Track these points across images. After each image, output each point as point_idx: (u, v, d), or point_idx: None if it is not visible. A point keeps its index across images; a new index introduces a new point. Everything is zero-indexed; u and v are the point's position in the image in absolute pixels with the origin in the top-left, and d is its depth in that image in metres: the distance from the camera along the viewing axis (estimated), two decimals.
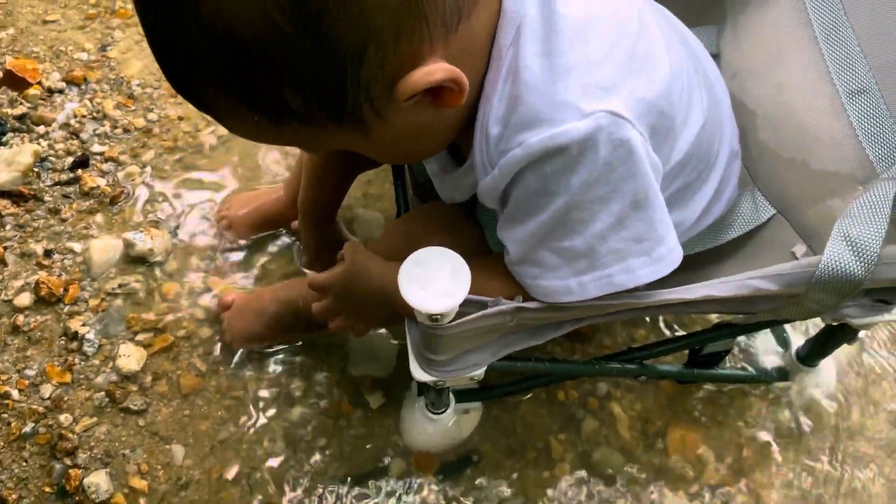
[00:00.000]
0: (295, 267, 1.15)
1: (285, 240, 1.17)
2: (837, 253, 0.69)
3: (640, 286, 0.67)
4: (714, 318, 1.00)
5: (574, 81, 0.57)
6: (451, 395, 0.98)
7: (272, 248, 1.17)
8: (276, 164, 1.26)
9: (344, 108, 0.54)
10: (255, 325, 1.04)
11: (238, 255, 1.16)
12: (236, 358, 1.06)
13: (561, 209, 0.61)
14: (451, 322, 0.65)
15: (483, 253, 0.81)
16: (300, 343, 1.07)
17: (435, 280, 0.62)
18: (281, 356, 1.07)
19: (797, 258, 0.85)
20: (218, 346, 1.07)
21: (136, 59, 1.39)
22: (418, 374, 0.76)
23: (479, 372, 0.77)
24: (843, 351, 1.08)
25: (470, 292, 0.62)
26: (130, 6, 1.47)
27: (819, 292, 0.72)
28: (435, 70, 0.53)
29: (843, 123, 0.80)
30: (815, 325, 1.08)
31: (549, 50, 0.57)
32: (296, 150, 1.23)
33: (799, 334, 1.08)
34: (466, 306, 0.64)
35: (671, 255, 0.66)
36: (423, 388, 0.98)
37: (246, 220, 1.16)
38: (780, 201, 0.88)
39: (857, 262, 0.69)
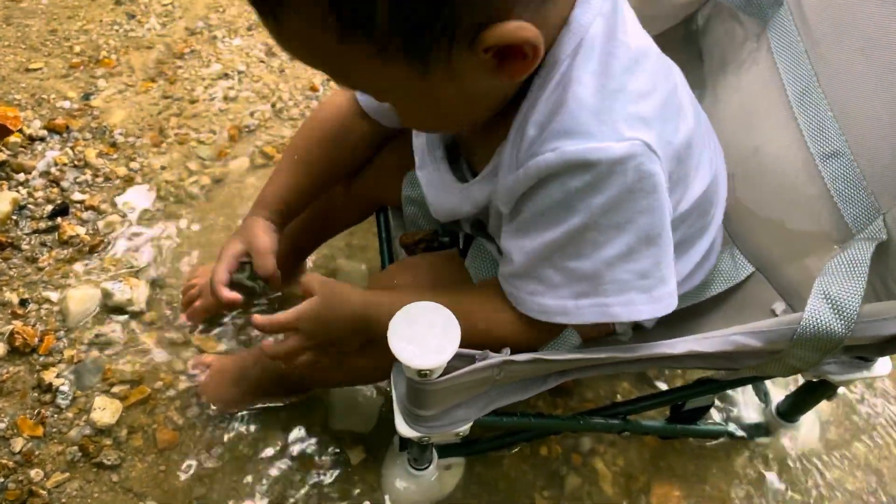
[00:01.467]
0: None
1: (274, 302, 1.16)
2: (818, 311, 0.70)
3: (626, 321, 0.67)
4: (696, 373, 1.01)
5: (620, 106, 0.59)
6: (434, 451, 0.97)
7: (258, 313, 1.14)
8: None
9: (423, 39, 0.52)
10: (235, 390, 1.03)
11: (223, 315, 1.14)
12: (214, 415, 1.04)
13: (577, 228, 0.62)
14: (439, 377, 0.65)
15: None
16: None
17: (425, 335, 0.62)
18: (262, 411, 1.05)
19: (777, 315, 0.87)
20: (195, 400, 1.05)
21: (120, 108, 1.39)
22: (404, 429, 0.75)
23: (465, 427, 0.76)
24: (824, 406, 1.09)
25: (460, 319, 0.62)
26: (115, 56, 1.48)
27: (801, 349, 0.73)
28: (526, 27, 0.53)
29: (818, 185, 0.83)
30: (794, 380, 1.10)
31: (604, 72, 0.59)
32: None
33: (780, 389, 1.09)
34: (455, 360, 0.64)
35: (670, 299, 0.67)
36: (405, 443, 0.96)
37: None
38: (758, 259, 0.90)
39: (838, 320, 0.70)
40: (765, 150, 0.86)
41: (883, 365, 0.84)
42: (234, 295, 0.81)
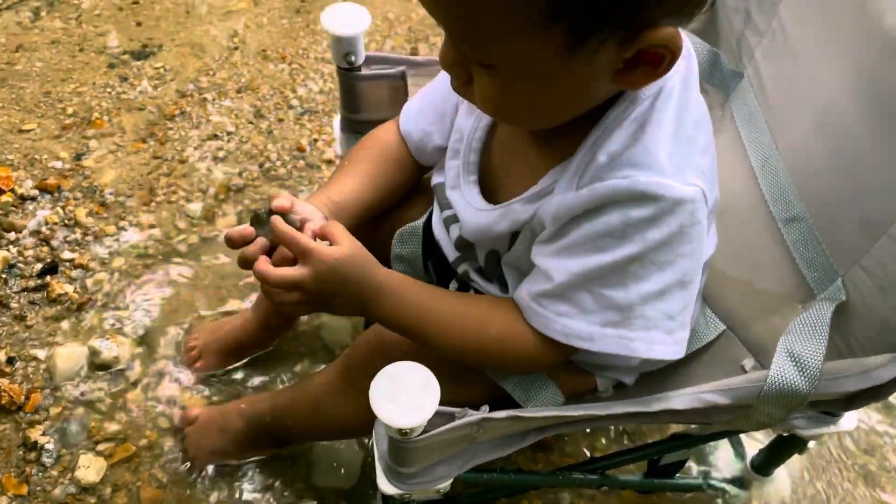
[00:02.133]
0: (261, 380, 1.15)
1: (259, 358, 1.18)
2: (783, 369, 0.74)
3: (642, 358, 0.69)
4: (673, 427, 1.04)
5: (687, 154, 0.65)
6: None
7: (244, 367, 1.17)
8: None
9: (596, 20, 0.53)
10: (220, 441, 1.04)
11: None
12: (199, 470, 1.05)
13: (626, 258, 0.64)
14: (419, 435, 0.67)
15: None
16: None
17: (405, 394, 0.64)
18: (245, 467, 1.06)
19: (746, 371, 0.90)
20: (180, 457, 1.06)
21: (111, 168, 1.43)
22: (385, 486, 0.77)
23: (446, 484, 0.78)
24: (797, 459, 1.12)
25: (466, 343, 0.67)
26: (107, 117, 1.52)
27: (768, 406, 0.76)
28: (680, 37, 0.55)
29: (781, 248, 0.88)
30: (767, 433, 1.12)
31: (679, 120, 0.65)
32: None
33: (755, 442, 1.12)
34: (435, 418, 0.66)
35: (683, 345, 0.70)
36: (387, 500, 0.98)
37: (217, 348, 1.15)
38: (728, 318, 0.94)
39: (802, 378, 0.74)
40: (731, 214, 0.91)
41: (848, 420, 0.87)
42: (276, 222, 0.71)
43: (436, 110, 0.86)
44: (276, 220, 0.69)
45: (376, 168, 0.88)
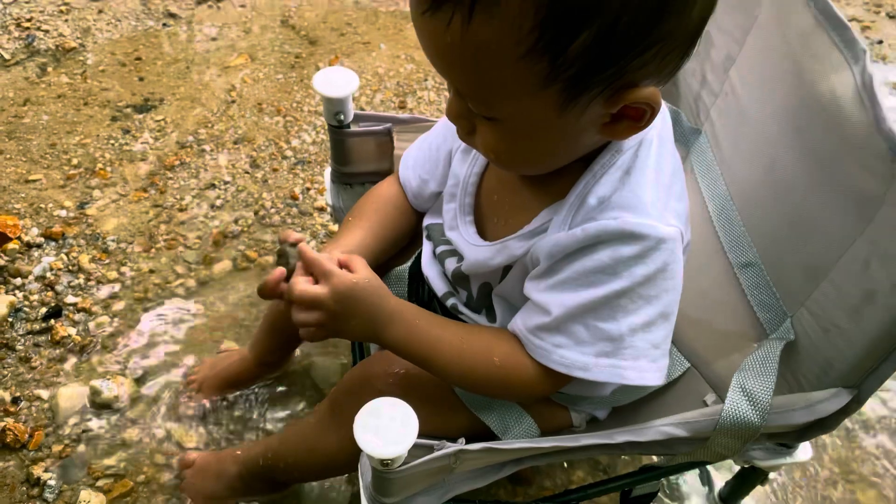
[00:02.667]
0: (255, 424, 1.21)
1: (252, 398, 1.24)
2: (736, 403, 0.80)
3: (634, 384, 0.75)
4: (644, 459, 1.09)
5: (666, 199, 0.72)
6: None
7: (237, 406, 1.23)
8: (245, 310, 1.35)
9: (589, 79, 0.59)
10: (216, 486, 1.08)
11: (203, 410, 1.22)
12: None
13: (616, 292, 0.71)
14: (400, 466, 0.73)
15: (438, 384, 0.86)
16: None
17: (387, 428, 0.70)
18: None
19: (708, 405, 0.96)
20: (177, 498, 1.11)
21: (113, 217, 1.50)
22: None
23: None
24: (761, 490, 1.17)
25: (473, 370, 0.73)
26: (110, 168, 1.60)
27: (724, 437, 0.82)
28: (658, 95, 0.63)
29: (737, 291, 0.95)
30: (729, 465, 1.18)
31: (659, 170, 0.72)
32: (255, 303, 1.32)
33: (722, 474, 1.17)
34: (415, 449, 0.72)
35: (664, 371, 0.76)
36: None
37: (215, 383, 1.22)
38: (692, 356, 1.00)
39: (754, 411, 0.80)
40: (693, 258, 0.97)
41: (804, 451, 0.93)
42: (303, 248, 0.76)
43: (431, 159, 0.94)
44: (304, 245, 0.75)
45: (380, 219, 0.95)
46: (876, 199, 0.73)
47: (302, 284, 0.73)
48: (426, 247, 0.94)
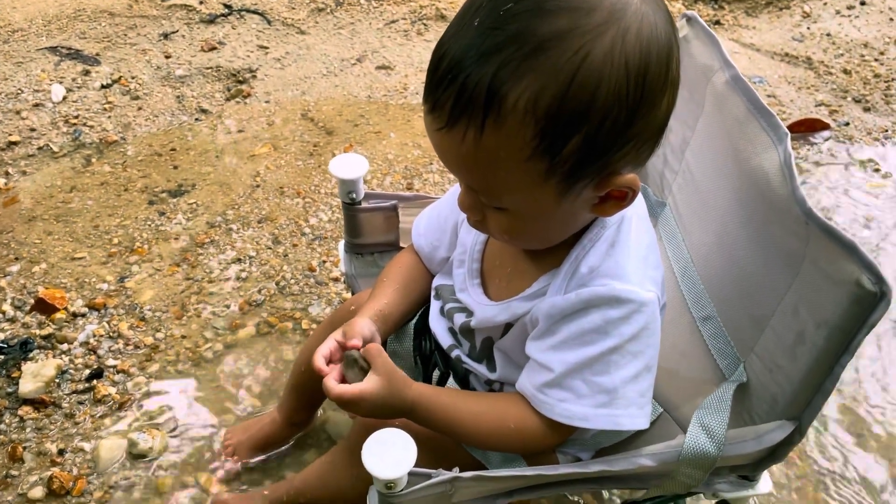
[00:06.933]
0: (281, 474, 1.33)
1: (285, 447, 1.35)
2: (696, 436, 0.91)
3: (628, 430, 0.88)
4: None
5: (644, 268, 0.85)
6: None
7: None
8: (266, 370, 1.49)
9: (583, 171, 0.72)
10: None
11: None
12: None
13: (608, 349, 0.83)
14: (402, 490, 0.85)
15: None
16: None
17: (390, 454, 0.82)
18: None
19: None
20: None
21: (149, 289, 1.66)
22: None
23: None
24: None
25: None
26: (147, 246, 1.77)
27: (687, 467, 0.93)
28: (637, 179, 0.76)
29: (700, 341, 1.07)
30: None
31: (638, 243, 0.86)
32: (272, 374, 1.45)
33: None
34: (415, 477, 0.84)
35: (650, 416, 0.89)
36: None
37: (249, 445, 1.33)
38: (664, 402, 1.11)
39: (711, 443, 0.91)
40: (664, 314, 1.11)
41: (765, 484, 1.03)
42: (322, 366, 0.91)
43: (439, 228, 1.08)
44: (329, 382, 0.89)
45: (405, 282, 1.08)
46: (799, 256, 0.87)
47: (337, 390, 0.87)
48: (434, 305, 1.08)
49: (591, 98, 0.68)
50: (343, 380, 0.91)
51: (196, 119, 2.20)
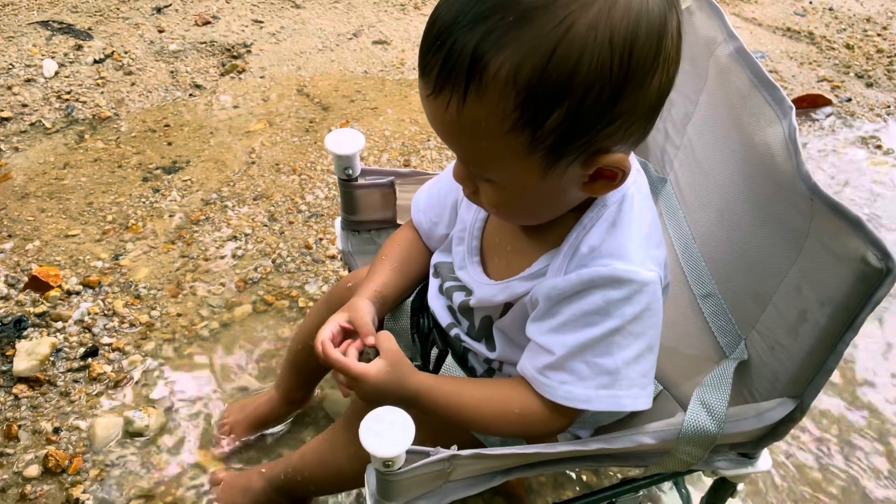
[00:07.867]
0: (279, 452, 1.33)
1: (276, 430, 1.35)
2: (696, 413, 0.91)
3: (628, 411, 0.87)
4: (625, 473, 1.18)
5: (646, 248, 0.84)
6: None
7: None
8: (263, 349, 1.48)
9: (565, 147, 0.71)
10: (242, 500, 1.19)
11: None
12: None
13: (610, 330, 0.82)
14: (400, 468, 0.84)
15: None
16: None
17: (388, 432, 0.81)
18: None
19: None
20: None
21: (144, 266, 1.65)
22: None
23: None
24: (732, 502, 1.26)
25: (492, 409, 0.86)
26: (141, 223, 1.76)
27: (686, 445, 0.92)
28: (628, 161, 0.75)
29: (700, 319, 1.06)
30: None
31: (640, 222, 0.84)
32: (273, 343, 1.45)
33: (699, 491, 1.26)
34: (413, 455, 0.83)
35: (652, 396, 0.88)
36: None
37: (246, 424, 1.34)
38: (663, 379, 1.11)
39: (711, 420, 0.90)
40: (667, 293, 1.10)
41: (764, 461, 1.03)
42: (331, 352, 0.91)
43: (439, 205, 1.07)
44: (333, 353, 0.89)
45: (403, 258, 1.08)
46: (803, 233, 0.85)
47: (342, 361, 0.88)
48: (433, 282, 1.07)
49: (573, 72, 0.67)
50: None
51: (190, 95, 2.17)
